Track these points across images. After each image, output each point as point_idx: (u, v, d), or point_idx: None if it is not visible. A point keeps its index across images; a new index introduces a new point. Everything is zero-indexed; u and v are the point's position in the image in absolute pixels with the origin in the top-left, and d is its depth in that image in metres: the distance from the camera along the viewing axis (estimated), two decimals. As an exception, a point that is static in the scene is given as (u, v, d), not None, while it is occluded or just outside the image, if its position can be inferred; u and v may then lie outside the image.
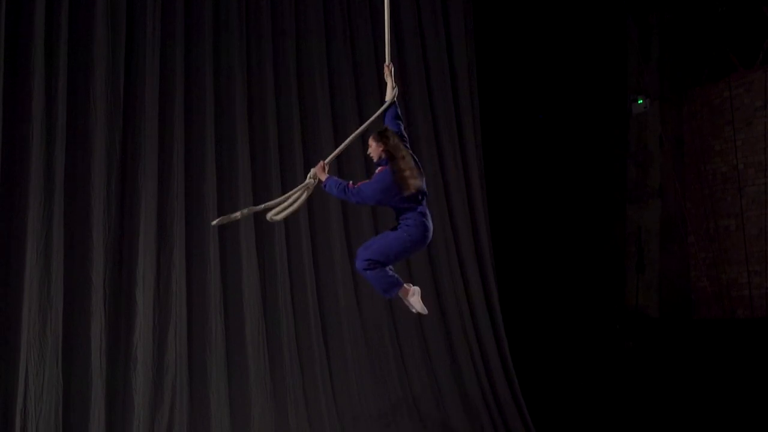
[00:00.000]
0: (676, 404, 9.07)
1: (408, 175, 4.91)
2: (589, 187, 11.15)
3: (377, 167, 5.21)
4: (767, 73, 9.64)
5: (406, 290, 5.09)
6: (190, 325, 7.66)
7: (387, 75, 5.48)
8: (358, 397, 8.40)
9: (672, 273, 10.38)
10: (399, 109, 5.40)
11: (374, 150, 5.15)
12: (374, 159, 5.21)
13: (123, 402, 7.20)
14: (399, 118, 5.34)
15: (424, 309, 5.16)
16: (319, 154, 8.65)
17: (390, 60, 5.53)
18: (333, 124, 8.82)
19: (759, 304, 9.49)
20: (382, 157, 5.12)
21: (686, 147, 10.60)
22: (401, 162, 4.94)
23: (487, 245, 9.58)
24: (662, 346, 9.69)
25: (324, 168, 5.20)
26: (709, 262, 10.18)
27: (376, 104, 8.59)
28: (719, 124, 10.18)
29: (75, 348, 7.05)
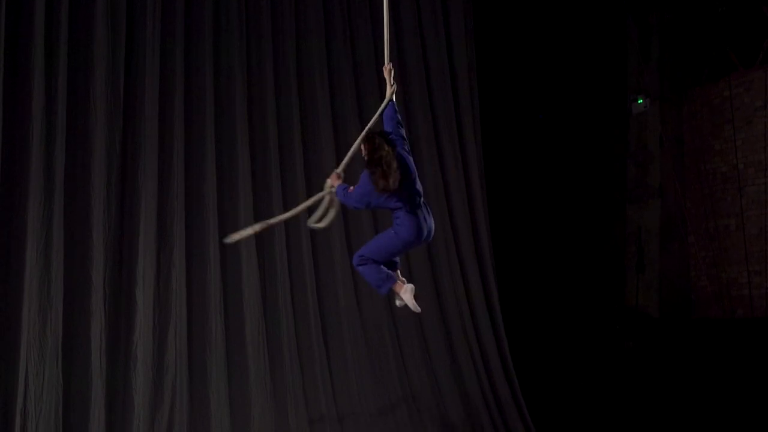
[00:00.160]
0: (676, 404, 9.07)
1: (377, 176, 4.86)
2: (589, 187, 11.15)
3: None
4: (767, 73, 9.64)
5: (400, 285, 5.10)
6: (190, 325, 7.65)
7: (387, 75, 5.48)
8: (358, 397, 8.39)
9: (672, 273, 10.38)
10: (396, 108, 5.38)
11: (363, 152, 5.16)
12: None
13: (123, 402, 7.19)
14: (395, 117, 5.33)
15: (416, 307, 5.16)
16: (319, 154, 8.68)
17: (389, 60, 5.52)
18: (333, 124, 8.81)
19: (759, 304, 9.49)
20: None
21: (686, 147, 10.60)
22: (374, 163, 4.90)
23: (487, 245, 9.58)
24: (662, 346, 9.69)
25: (339, 176, 5.21)
26: (709, 262, 10.18)
27: (376, 104, 8.54)
28: (719, 124, 10.18)
29: (75, 348, 7.03)
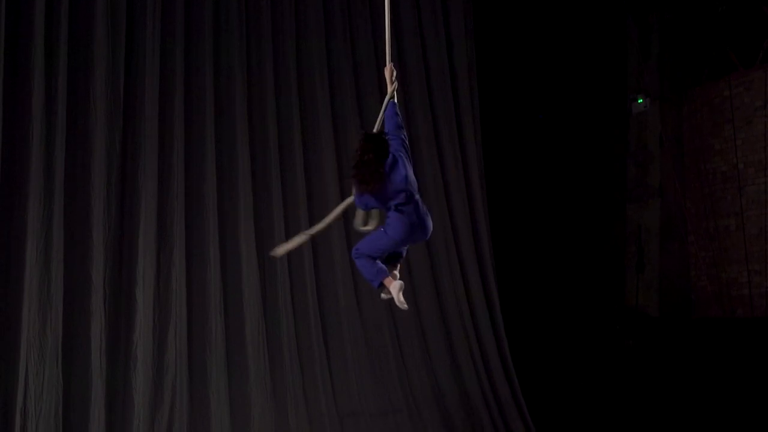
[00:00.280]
0: (676, 403, 9.07)
1: (356, 180, 4.95)
2: (589, 187, 11.15)
3: None
4: (767, 73, 9.64)
5: (390, 280, 5.17)
6: (190, 325, 7.66)
7: (388, 75, 5.46)
8: (358, 397, 8.39)
9: (672, 272, 10.37)
10: (396, 107, 5.35)
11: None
12: None
13: (123, 401, 7.20)
14: (394, 117, 5.30)
15: (403, 304, 5.20)
16: (319, 154, 8.69)
17: (390, 60, 5.50)
18: (333, 124, 8.82)
19: (759, 304, 9.48)
20: None
21: (686, 146, 10.59)
22: (355, 167, 4.97)
23: (487, 245, 9.58)
24: (662, 346, 9.68)
25: None
26: (709, 262, 10.17)
27: (376, 104, 8.58)
28: (719, 124, 10.17)
29: (75, 347, 7.04)
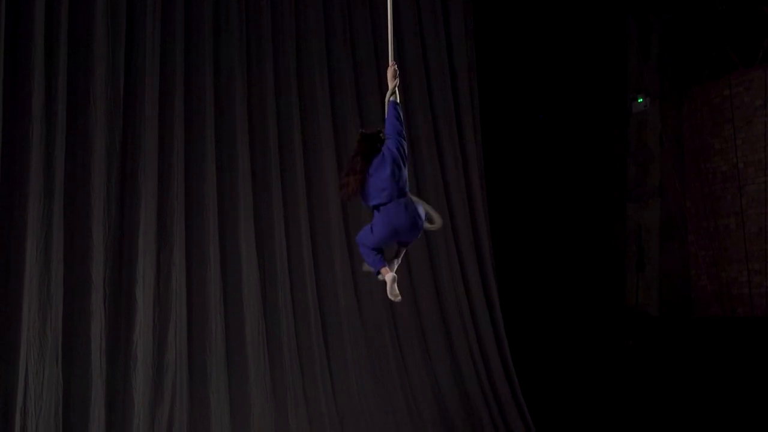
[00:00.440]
0: (676, 403, 9.06)
1: (340, 180, 5.13)
2: (589, 186, 11.14)
3: None
4: (767, 72, 9.64)
5: (387, 270, 5.23)
6: (190, 324, 7.67)
7: (390, 74, 5.43)
8: (358, 397, 8.40)
9: (672, 272, 10.36)
10: (398, 108, 5.31)
11: None
12: None
13: (123, 401, 7.20)
14: (391, 114, 5.28)
15: (397, 296, 5.24)
16: (319, 154, 8.70)
17: (393, 60, 5.47)
18: (333, 124, 8.82)
19: (759, 303, 9.47)
20: None
21: (686, 146, 10.58)
22: (345, 166, 5.17)
23: (487, 245, 9.59)
24: (662, 345, 9.67)
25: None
26: (709, 261, 10.17)
27: (377, 104, 8.64)
28: (719, 123, 10.16)
29: (75, 347, 7.04)
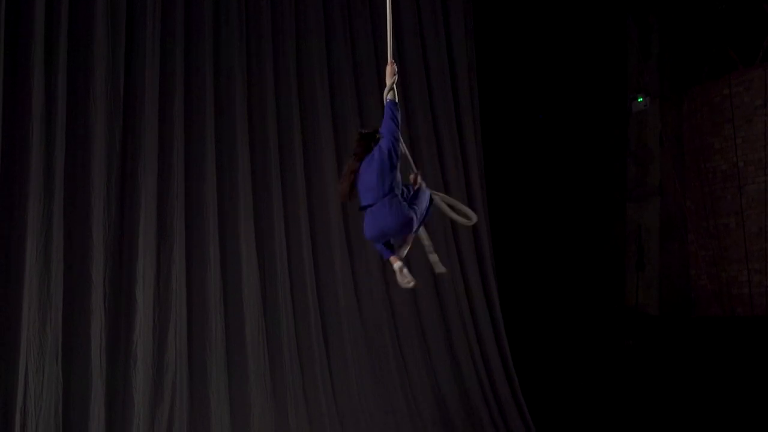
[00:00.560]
0: (676, 402, 9.06)
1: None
2: (589, 186, 11.15)
3: None
4: (767, 71, 9.64)
5: (395, 259, 5.31)
6: (190, 324, 7.67)
7: (389, 71, 5.40)
8: (358, 397, 8.40)
9: (672, 271, 10.37)
10: (394, 107, 5.29)
11: None
12: None
13: (123, 400, 7.19)
14: (386, 113, 5.26)
15: (409, 283, 5.28)
16: (319, 154, 8.70)
17: (391, 58, 5.45)
18: (333, 124, 8.83)
19: (759, 302, 9.47)
20: None
21: (686, 145, 10.59)
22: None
23: (487, 245, 9.60)
24: (662, 345, 9.66)
25: (416, 178, 5.37)
26: (709, 260, 10.17)
27: (377, 104, 8.62)
28: (719, 122, 10.16)
29: (75, 346, 7.03)
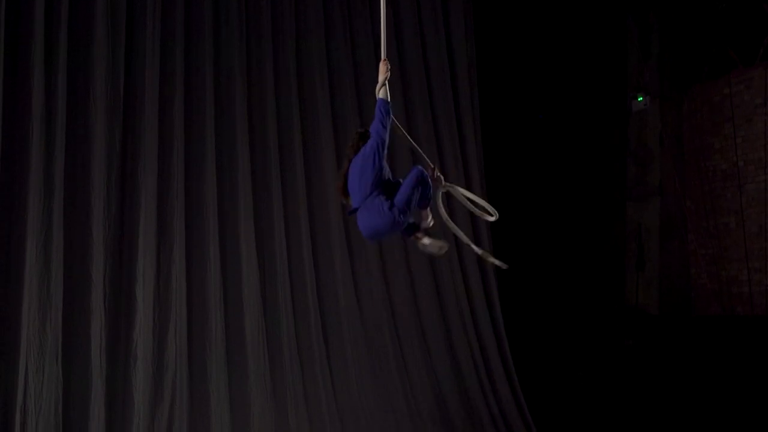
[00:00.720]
0: (676, 402, 9.06)
1: None
2: (589, 185, 11.15)
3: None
4: (767, 70, 9.63)
5: (421, 235, 5.29)
6: (190, 323, 7.67)
7: (382, 69, 5.38)
8: (358, 397, 8.41)
9: (672, 270, 10.36)
10: (384, 107, 5.24)
11: None
12: None
13: (123, 399, 7.20)
14: (376, 119, 5.24)
15: (437, 250, 5.25)
16: (319, 154, 8.70)
17: (385, 54, 5.43)
18: (333, 124, 8.84)
19: (759, 302, 9.47)
20: None
21: (686, 144, 10.59)
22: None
23: (487, 245, 9.58)
24: (662, 344, 9.67)
25: (434, 172, 5.39)
26: (709, 260, 10.16)
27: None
28: (719, 122, 10.16)
29: (75, 345, 7.05)
